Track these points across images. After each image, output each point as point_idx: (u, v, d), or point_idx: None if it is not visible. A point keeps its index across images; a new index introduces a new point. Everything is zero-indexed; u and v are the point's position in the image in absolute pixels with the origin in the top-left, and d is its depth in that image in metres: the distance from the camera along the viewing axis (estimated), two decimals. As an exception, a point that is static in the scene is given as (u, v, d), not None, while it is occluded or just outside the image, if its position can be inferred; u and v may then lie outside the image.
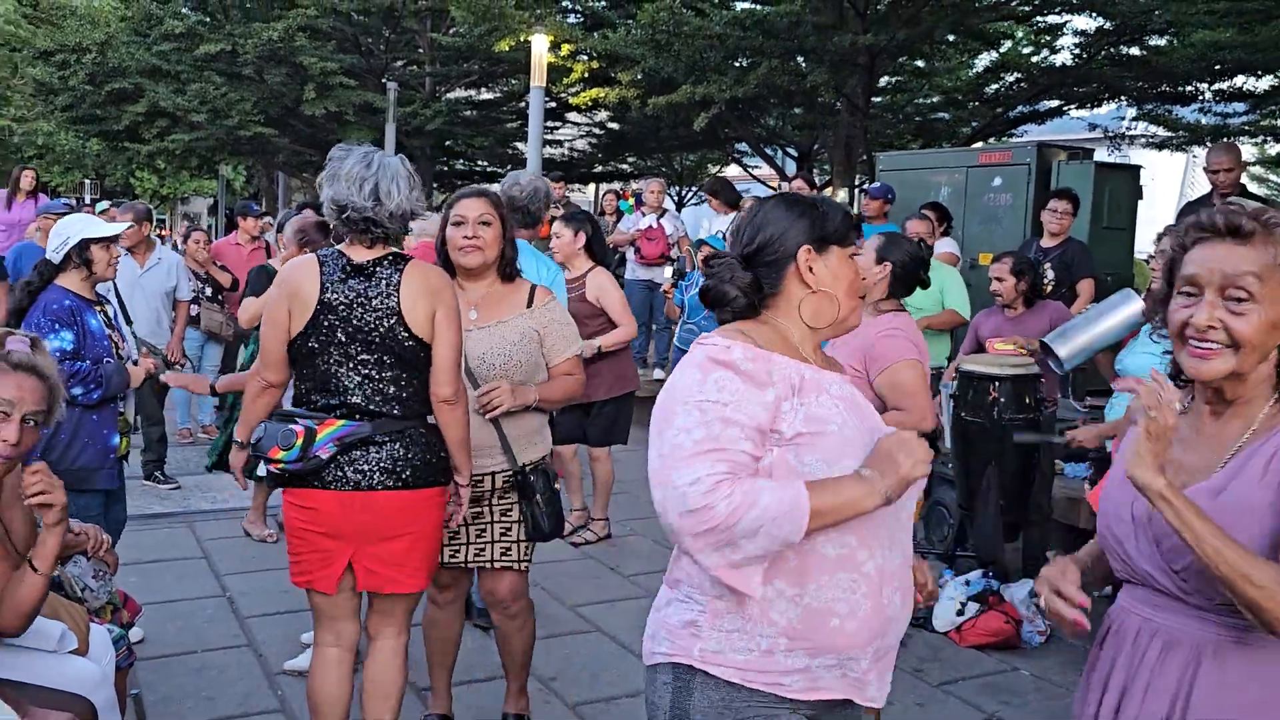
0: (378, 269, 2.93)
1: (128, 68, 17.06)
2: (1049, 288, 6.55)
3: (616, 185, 19.51)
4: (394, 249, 3.01)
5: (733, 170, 20.69)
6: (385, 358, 2.91)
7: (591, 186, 24.10)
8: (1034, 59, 14.24)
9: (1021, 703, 4.16)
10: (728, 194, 9.09)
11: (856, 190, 12.74)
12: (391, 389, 2.94)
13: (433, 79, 18.32)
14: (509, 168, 20.65)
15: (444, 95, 18.68)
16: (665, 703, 1.91)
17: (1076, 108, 14.28)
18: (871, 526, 1.85)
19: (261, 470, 3.83)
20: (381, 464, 2.90)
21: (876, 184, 8.67)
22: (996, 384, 5.03)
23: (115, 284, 4.94)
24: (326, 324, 2.91)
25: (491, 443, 3.31)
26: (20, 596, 2.43)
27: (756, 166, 18.51)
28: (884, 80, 14.33)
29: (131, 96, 17.43)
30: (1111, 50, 12.43)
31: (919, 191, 8.92)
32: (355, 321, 2.90)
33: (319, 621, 3.09)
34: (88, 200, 23.84)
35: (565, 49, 13.30)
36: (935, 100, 15.50)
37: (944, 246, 7.31)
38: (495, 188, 4.62)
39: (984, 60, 15.11)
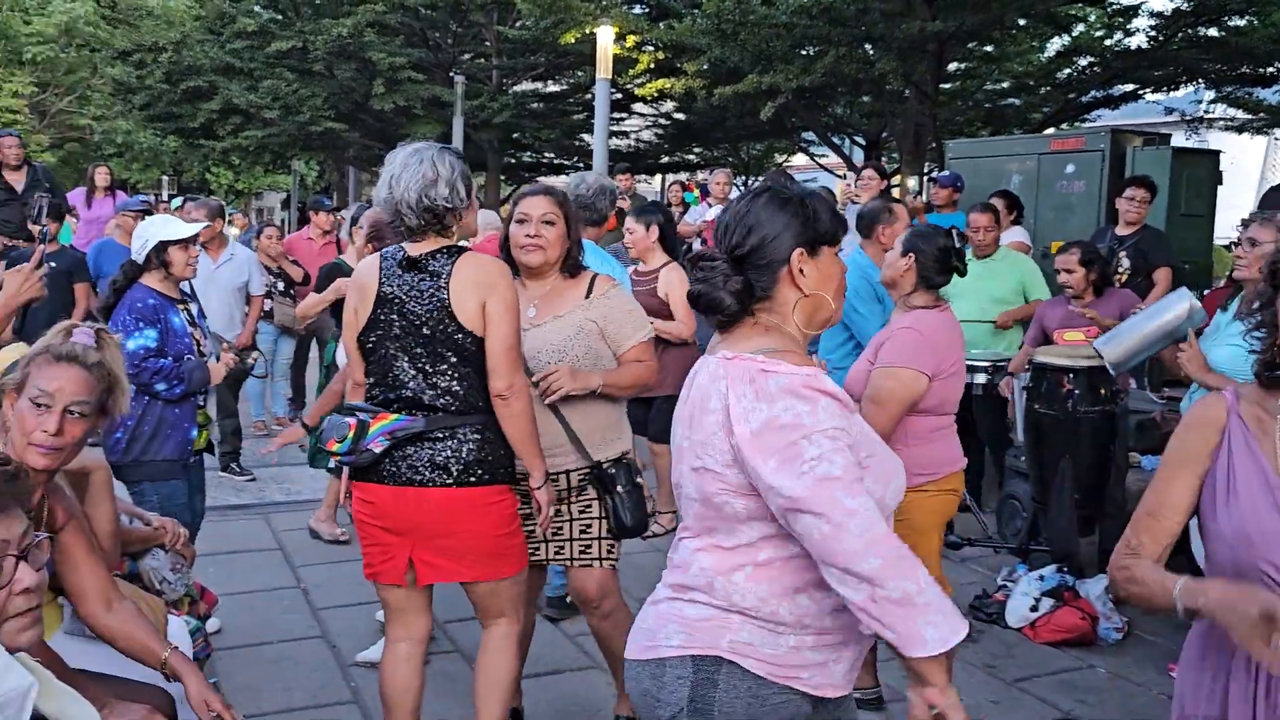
0: (431, 262, 2.92)
1: (202, 66, 17.46)
2: (1124, 277, 6.40)
3: (682, 176, 19.48)
4: (450, 242, 2.98)
5: (799, 159, 20.55)
6: (440, 351, 2.89)
7: (658, 178, 24.09)
8: (1107, 42, 13.90)
9: (1098, 701, 4.08)
10: (786, 180, 9.03)
11: (925, 178, 12.56)
12: (445, 383, 2.90)
13: (499, 72, 18.47)
14: (575, 159, 20.77)
15: (510, 88, 18.82)
16: (680, 696, 1.88)
17: (1152, 91, 13.92)
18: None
19: (332, 462, 3.90)
20: (433, 460, 2.88)
21: (945, 172, 8.54)
22: (1071, 375, 4.93)
23: (190, 282, 5.07)
24: (384, 318, 2.93)
25: (560, 440, 3.26)
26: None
27: (823, 155, 18.36)
28: (953, 66, 14.12)
29: (206, 94, 17.85)
30: (1189, 31, 12.10)
31: (989, 179, 8.77)
32: (409, 315, 2.90)
33: (389, 615, 3.11)
34: (165, 197, 24.44)
35: (631, 40, 13.31)
36: (1005, 86, 15.22)
37: (1014, 235, 7.17)
38: (561, 181, 4.64)
39: (1056, 44, 14.80)
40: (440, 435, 2.89)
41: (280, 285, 8.44)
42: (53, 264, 5.67)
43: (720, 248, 1.93)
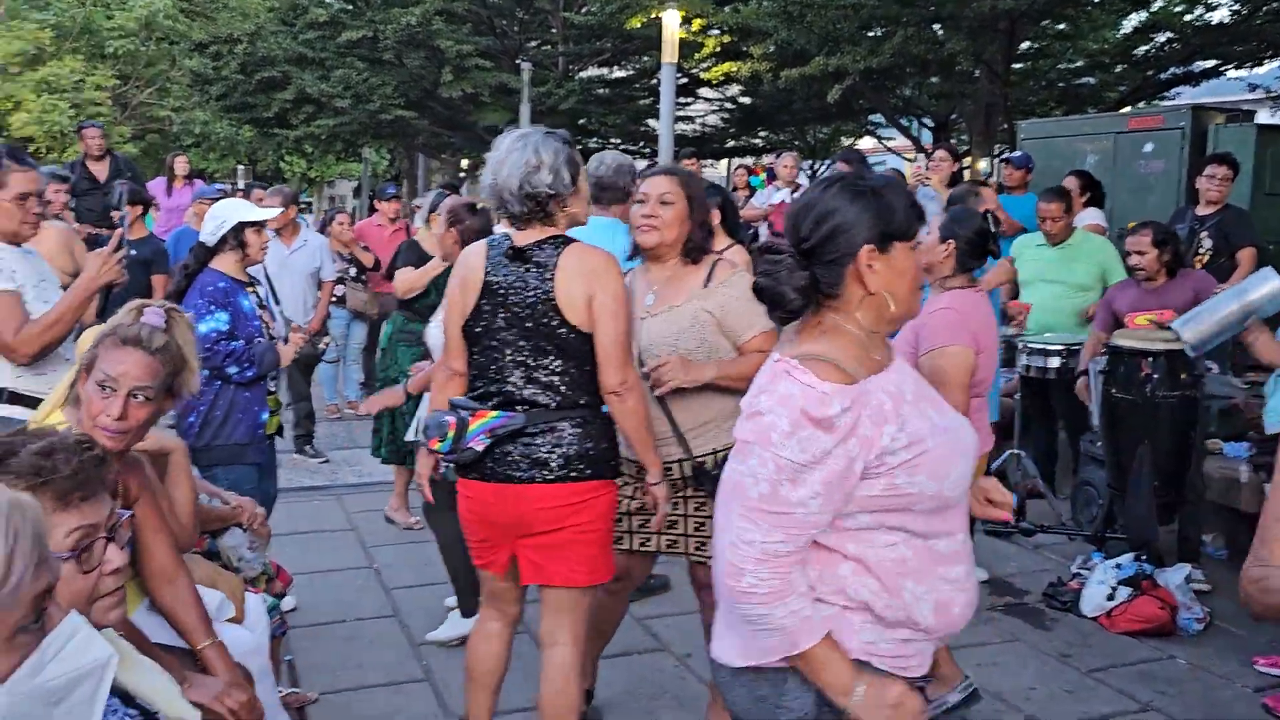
0: (537, 252, 2.84)
1: (276, 57, 17.77)
2: (1206, 258, 6.22)
3: (748, 160, 19.35)
4: (556, 231, 2.89)
5: (866, 142, 20.28)
6: (542, 344, 2.82)
7: (723, 162, 23.97)
8: (1188, 17, 13.46)
9: (1178, 692, 3.98)
10: (860, 167, 8.93)
11: (995, 160, 12.32)
12: (547, 377, 2.83)
13: (565, 58, 18.51)
14: (641, 145, 20.75)
15: (577, 74, 18.86)
16: (805, 701, 1.86)
17: (1235, 68, 13.48)
18: (958, 515, 1.92)
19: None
20: (533, 456, 2.82)
21: (1018, 153, 8.37)
22: (1149, 359, 4.81)
23: (264, 265, 5.14)
24: (488, 308, 2.87)
25: (665, 432, 3.16)
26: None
27: (891, 138, 18.11)
28: (1025, 45, 13.80)
29: (280, 84, 18.16)
30: (1274, 5, 11.67)
31: (1063, 160, 8.57)
32: (513, 306, 2.83)
33: (485, 597, 3.13)
34: (240, 185, 24.93)
35: (697, 24, 13.25)
36: (1080, 64, 14.84)
37: (1089, 218, 6.99)
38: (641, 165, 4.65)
39: (1133, 20, 14.36)
40: (540, 431, 2.82)
41: (352, 271, 8.56)
42: (133, 251, 5.79)
43: (789, 239, 1.89)
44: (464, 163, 24.82)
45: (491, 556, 2.98)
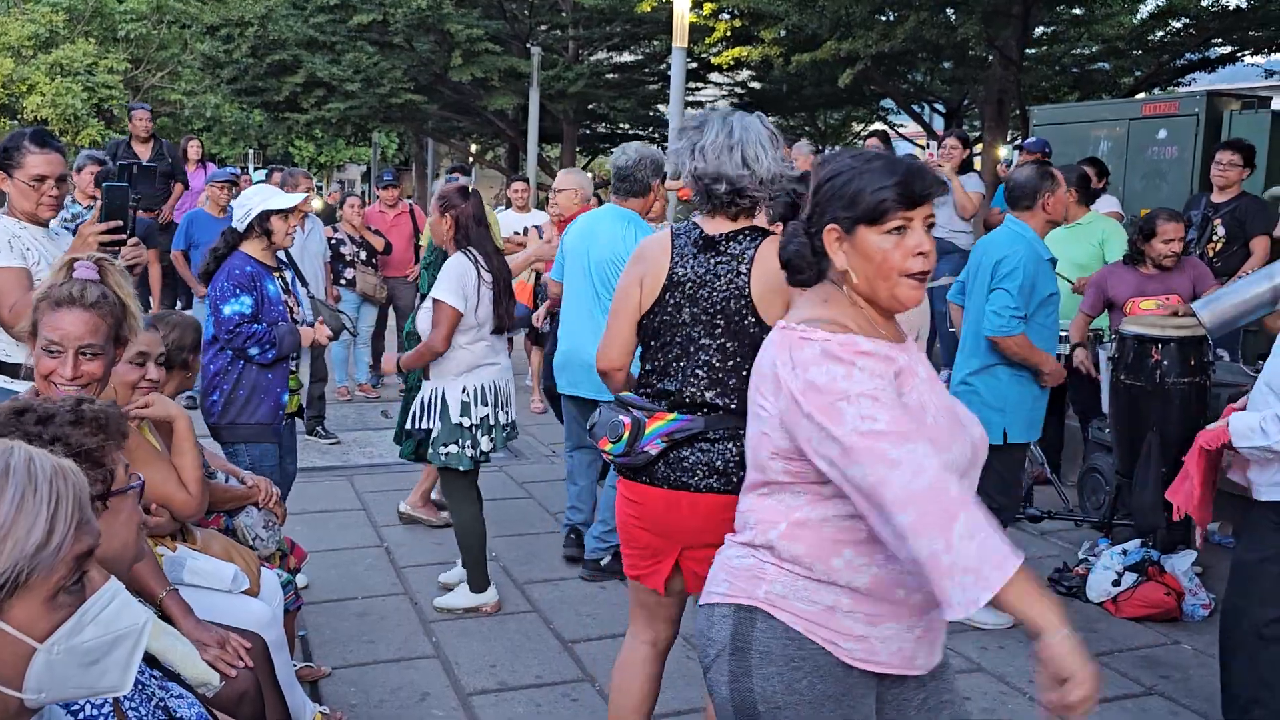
0: (731, 243, 2.69)
1: (286, 40, 17.76)
2: (1219, 245, 6.21)
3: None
4: (752, 222, 2.73)
5: (878, 128, 20.21)
6: (729, 344, 2.66)
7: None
8: (1204, 2, 13.37)
9: (1183, 677, 4.00)
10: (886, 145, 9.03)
11: (1012, 146, 12.28)
12: (733, 380, 2.65)
13: (575, 42, 18.46)
14: (651, 130, 20.72)
15: (586, 58, 18.81)
16: (724, 635, 1.92)
17: (1252, 53, 13.37)
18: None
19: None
20: (712, 464, 2.64)
21: (1033, 138, 8.34)
22: (1159, 346, 4.81)
23: (287, 250, 5.18)
24: (672, 302, 2.70)
25: None
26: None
27: (902, 124, 18.05)
28: (1039, 30, 13.73)
29: (290, 68, 18.16)
30: (1293, -10, 11.59)
31: (1076, 146, 8.54)
32: (701, 301, 2.67)
33: (636, 615, 2.90)
34: (250, 169, 24.99)
35: (707, 8, 13.20)
36: (1094, 50, 14.74)
37: (1105, 205, 6.98)
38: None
39: (1149, 5, 14.28)
40: (719, 437, 2.65)
41: (363, 255, 8.61)
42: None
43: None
44: (473, 147, 24.82)
45: (652, 567, 2.77)
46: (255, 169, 23.88)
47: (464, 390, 4.26)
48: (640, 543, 2.78)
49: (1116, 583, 4.60)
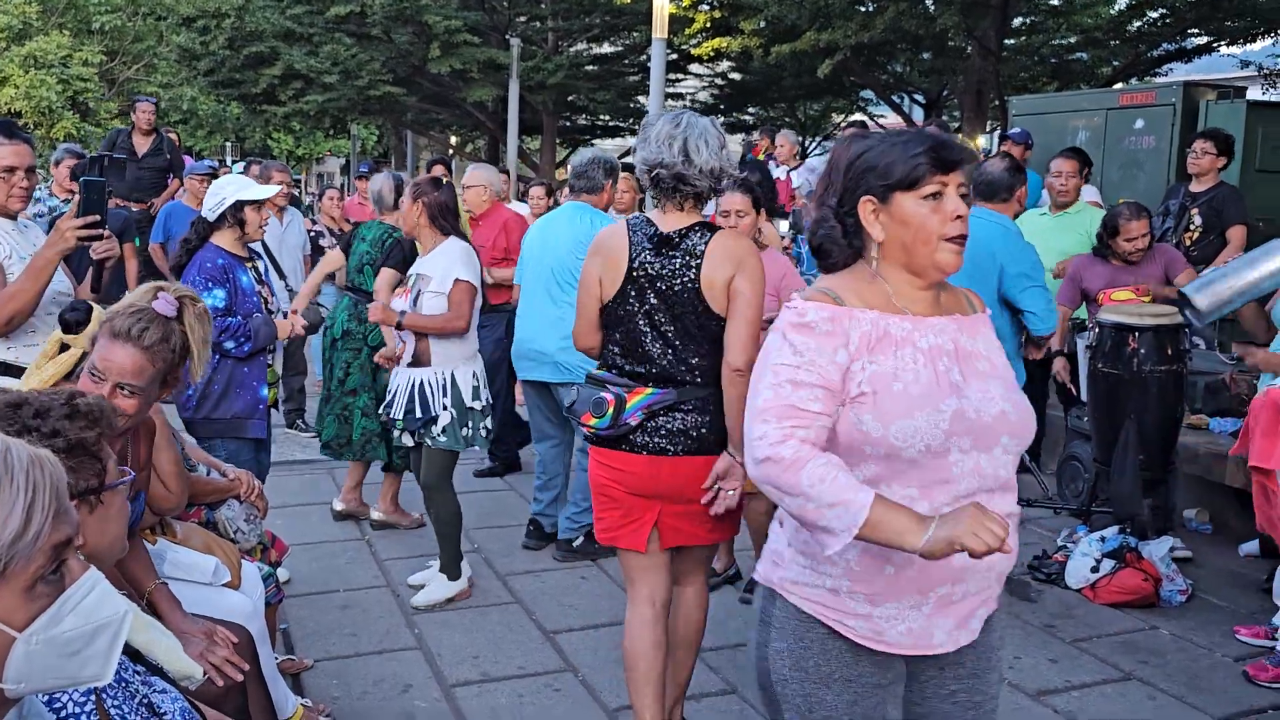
0: (685, 240, 2.96)
1: (263, 32, 17.64)
2: (1196, 234, 6.25)
3: (739, 137, 19.31)
4: (701, 218, 3.02)
5: (856, 119, 20.25)
6: (689, 328, 2.95)
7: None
8: (1181, -8, 13.49)
9: (1161, 662, 4.04)
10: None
11: (994, 136, 12.33)
12: (694, 359, 2.96)
13: (554, 34, 18.42)
14: (631, 121, 20.70)
15: (566, 50, 18.76)
16: (757, 608, 2.07)
17: (1228, 44, 13.47)
18: (945, 482, 1.85)
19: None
20: (686, 431, 2.95)
21: (1017, 129, 8.39)
22: (1136, 334, 4.84)
23: (264, 242, 5.14)
24: (634, 293, 2.98)
25: None
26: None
27: (882, 115, 18.08)
28: (1017, 21, 13.79)
29: (268, 60, 18.04)
30: (1268, -19, 11.68)
31: (1055, 136, 8.58)
32: (661, 291, 2.95)
33: (631, 579, 3.12)
34: (228, 163, 24.83)
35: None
36: (1072, 40, 14.84)
37: (1088, 195, 7.02)
38: (613, 145, 4.72)
39: (1126, -4, 14.38)
40: (691, 407, 2.96)
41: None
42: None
43: (830, 200, 2.00)
44: (453, 139, 24.74)
45: (632, 527, 3.03)
46: (233, 161, 23.75)
47: (474, 374, 4.35)
48: (621, 504, 3.04)
49: (1095, 569, 4.63)
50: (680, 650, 3.20)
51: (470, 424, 4.32)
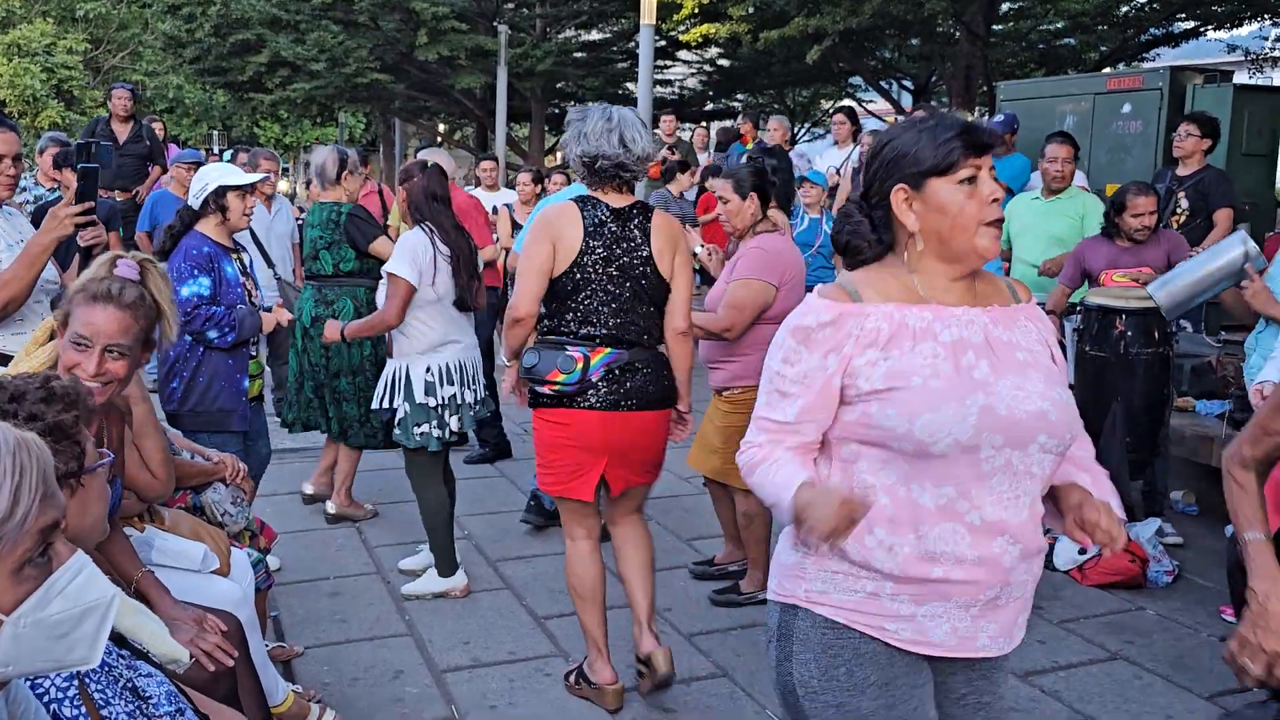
0: (633, 216, 3.34)
1: (250, 19, 17.52)
2: (1183, 217, 6.27)
3: (728, 123, 19.29)
4: (636, 199, 3.42)
5: (844, 105, 20.23)
6: (640, 294, 3.32)
7: (702, 125, 23.88)
8: (1169, -23, 13.50)
9: (1147, 642, 4.08)
10: (853, 124, 9.20)
11: (983, 121, 12.33)
12: (643, 322, 3.35)
13: (542, 20, 18.35)
14: (620, 108, 20.58)
15: (554, 36, 18.69)
16: (772, 624, 2.00)
17: (1215, 28, 13.50)
18: (981, 479, 1.81)
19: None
20: (636, 388, 3.31)
21: (1000, 116, 8.38)
22: (1123, 317, 4.87)
23: (253, 230, 5.10)
24: (589, 262, 3.28)
25: None
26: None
27: (871, 101, 18.07)
28: (1005, 6, 13.79)
29: (254, 47, 17.92)
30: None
31: (1043, 121, 8.60)
32: (615, 261, 3.29)
33: (570, 520, 3.50)
34: (215, 151, 24.70)
35: (675, -15, 13.15)
36: (1061, 25, 14.84)
37: (1076, 179, 7.02)
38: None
39: (1115, -20, 14.38)
40: (640, 366, 3.33)
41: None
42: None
43: (856, 194, 2.01)
44: (441, 127, 24.64)
45: (578, 481, 3.38)
46: (220, 150, 23.63)
47: (428, 369, 4.25)
48: (571, 459, 3.36)
49: (1083, 551, 4.66)
50: (643, 571, 3.54)
51: (425, 421, 4.23)
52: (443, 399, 4.25)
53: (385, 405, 4.31)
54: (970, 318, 1.86)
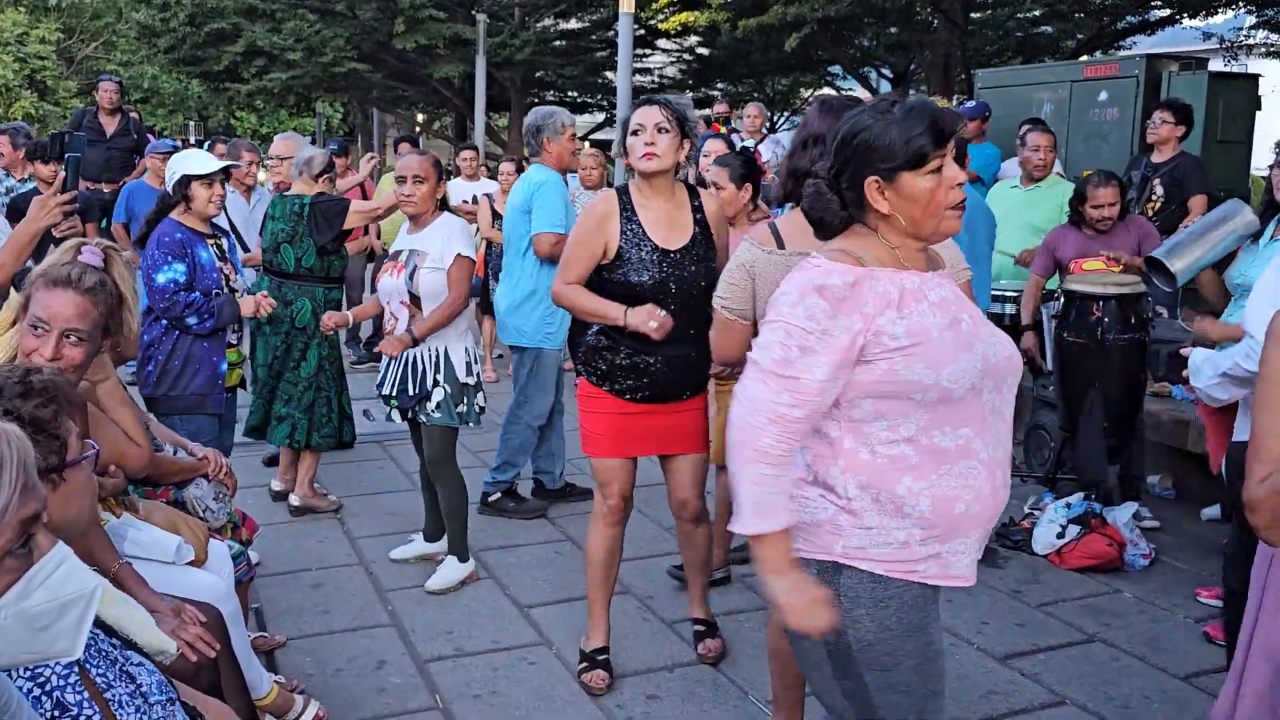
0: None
1: (225, 8, 17.39)
2: (1158, 204, 6.32)
3: (707, 111, 19.27)
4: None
5: (824, 94, 20.24)
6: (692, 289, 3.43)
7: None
8: (1144, -35, 13.56)
9: (1124, 624, 4.12)
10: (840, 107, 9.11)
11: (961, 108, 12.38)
12: (694, 315, 3.39)
13: (521, 9, 18.27)
14: (599, 97, 20.59)
15: (533, 25, 18.62)
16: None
17: (1189, 17, 13.58)
18: (982, 420, 1.97)
19: (385, 416, 3.98)
20: (681, 378, 3.48)
21: (971, 103, 8.40)
22: (1100, 303, 4.91)
23: (231, 220, 5.06)
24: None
25: None
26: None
27: (850, 89, 18.09)
28: (984, -6, 13.82)
29: (230, 36, 17.78)
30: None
31: (1020, 109, 8.64)
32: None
33: (603, 483, 3.59)
34: (192, 141, 24.51)
35: (654, -27, 13.11)
36: (1038, 14, 14.89)
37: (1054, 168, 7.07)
38: (585, 119, 4.72)
39: (1091, -31, 14.44)
40: (692, 358, 3.46)
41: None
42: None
43: (823, 170, 2.05)
44: (420, 117, 24.52)
45: (620, 448, 3.54)
46: (197, 140, 23.43)
47: (466, 350, 4.29)
48: (611, 437, 3.51)
49: (1061, 535, 4.71)
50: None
51: (466, 400, 4.24)
52: (478, 375, 4.32)
53: (425, 389, 4.19)
54: (938, 280, 2.02)
